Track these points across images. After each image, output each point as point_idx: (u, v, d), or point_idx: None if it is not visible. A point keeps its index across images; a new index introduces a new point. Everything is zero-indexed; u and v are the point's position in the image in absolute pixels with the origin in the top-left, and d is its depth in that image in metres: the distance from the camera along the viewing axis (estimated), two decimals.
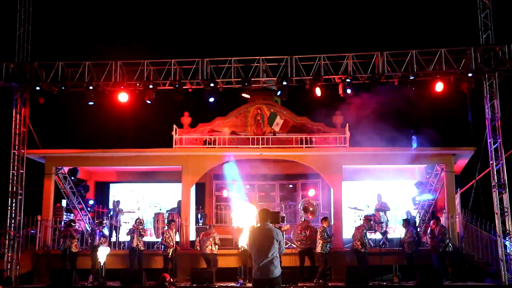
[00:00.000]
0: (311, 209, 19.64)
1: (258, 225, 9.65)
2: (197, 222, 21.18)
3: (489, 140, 17.66)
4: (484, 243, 18.39)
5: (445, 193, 19.89)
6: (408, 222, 18.12)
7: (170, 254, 17.71)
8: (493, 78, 17.63)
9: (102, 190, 23.51)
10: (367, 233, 17.97)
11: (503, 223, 17.24)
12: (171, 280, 16.60)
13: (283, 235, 14.91)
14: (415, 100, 19.50)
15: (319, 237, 17.32)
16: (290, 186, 23.00)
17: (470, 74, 17.49)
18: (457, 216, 19.38)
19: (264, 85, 19.50)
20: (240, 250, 17.98)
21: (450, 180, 19.79)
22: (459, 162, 20.88)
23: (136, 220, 18.67)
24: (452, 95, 18.57)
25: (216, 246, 17.93)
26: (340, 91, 18.22)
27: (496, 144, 17.55)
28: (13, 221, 18.46)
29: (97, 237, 17.81)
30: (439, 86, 17.99)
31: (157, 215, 20.93)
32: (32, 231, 19.65)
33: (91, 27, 29.99)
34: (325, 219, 17.92)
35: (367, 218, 18.18)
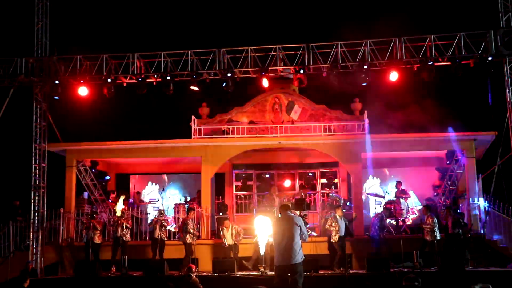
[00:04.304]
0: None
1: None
2: (217, 212, 21.23)
3: (510, 125, 17.45)
4: (507, 228, 18.23)
5: (466, 179, 19.73)
6: (428, 209, 17.99)
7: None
8: None
9: (123, 181, 23.69)
10: (384, 219, 17.86)
11: None
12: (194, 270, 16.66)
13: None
14: (433, 85, 19.27)
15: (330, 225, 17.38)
16: (310, 174, 22.93)
17: (490, 58, 17.27)
18: (478, 202, 19.22)
19: (282, 73, 19.43)
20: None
21: (471, 165, 19.61)
22: (480, 147, 20.65)
23: (158, 211, 18.80)
24: (472, 79, 18.34)
25: (241, 236, 18.01)
26: (359, 78, 18.11)
27: None
28: (36, 214, 18.71)
29: (119, 229, 17.94)
30: (458, 70, 17.76)
31: (177, 206, 21.05)
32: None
33: (108, 19, 30.02)
34: (338, 207, 17.95)
35: (386, 206, 18.08)
